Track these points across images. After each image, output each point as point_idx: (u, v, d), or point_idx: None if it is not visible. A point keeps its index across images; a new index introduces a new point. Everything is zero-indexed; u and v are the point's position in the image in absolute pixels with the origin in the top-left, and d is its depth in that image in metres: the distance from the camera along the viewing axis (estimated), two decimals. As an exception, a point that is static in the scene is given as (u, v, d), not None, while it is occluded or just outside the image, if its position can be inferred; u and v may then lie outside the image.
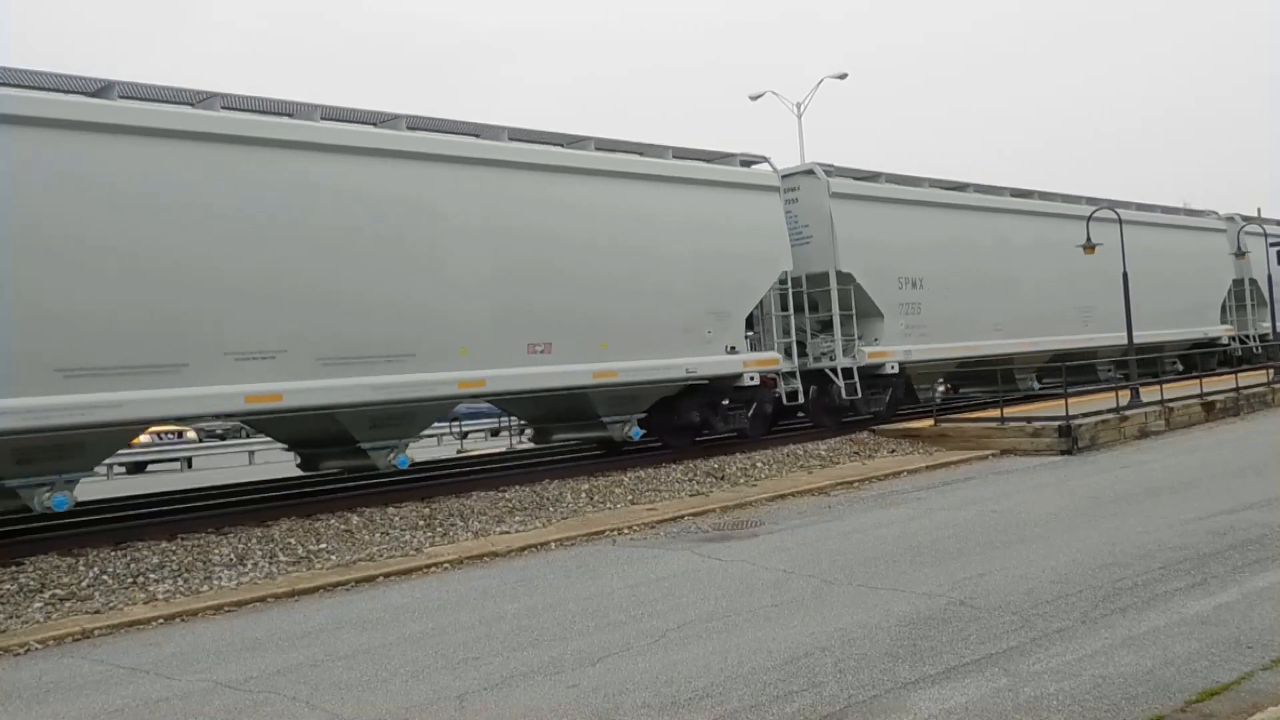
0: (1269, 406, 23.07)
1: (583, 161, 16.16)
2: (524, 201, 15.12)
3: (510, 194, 15.01)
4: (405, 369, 13.58)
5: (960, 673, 6.29)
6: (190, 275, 11.95)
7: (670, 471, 16.18)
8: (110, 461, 31.12)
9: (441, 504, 13.78)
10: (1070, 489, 13.68)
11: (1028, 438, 18.01)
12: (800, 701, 5.99)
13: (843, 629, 7.42)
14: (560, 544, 11.92)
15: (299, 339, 12.70)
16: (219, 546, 11.62)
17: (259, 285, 12.46)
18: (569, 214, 15.59)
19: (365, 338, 13.29)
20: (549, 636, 7.83)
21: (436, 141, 14.55)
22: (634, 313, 16.26)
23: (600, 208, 16.07)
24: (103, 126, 11.57)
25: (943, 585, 8.53)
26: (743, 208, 18.10)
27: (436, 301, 14.03)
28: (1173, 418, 20.22)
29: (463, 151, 14.66)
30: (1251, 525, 10.16)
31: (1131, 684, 5.91)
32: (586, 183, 16.06)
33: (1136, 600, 7.68)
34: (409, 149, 14.10)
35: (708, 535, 12.00)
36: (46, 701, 7.08)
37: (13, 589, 10.09)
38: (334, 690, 6.85)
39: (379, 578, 10.63)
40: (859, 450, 18.47)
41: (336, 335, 13.06)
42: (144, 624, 9.21)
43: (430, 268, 14.03)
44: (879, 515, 12.61)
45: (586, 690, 6.45)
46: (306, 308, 12.80)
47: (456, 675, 6.98)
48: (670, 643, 7.38)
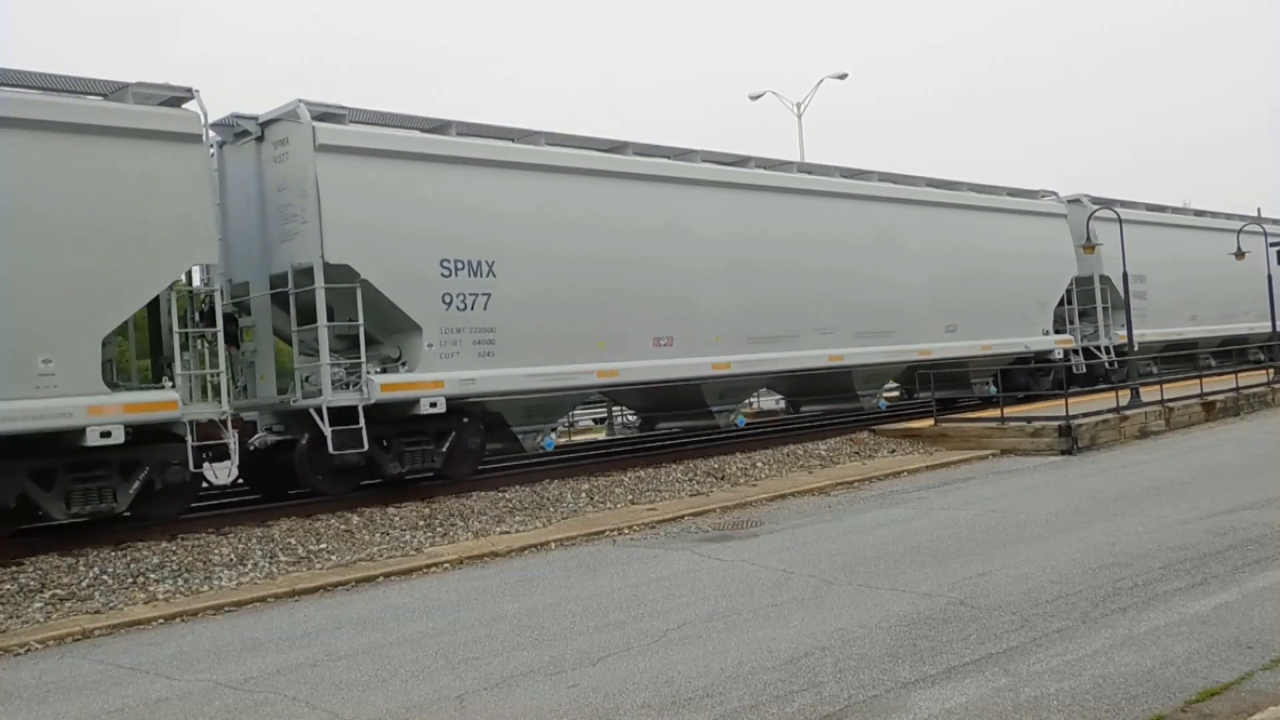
0: (1269, 406, 23.07)
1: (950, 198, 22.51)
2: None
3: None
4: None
5: (960, 673, 6.29)
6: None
7: (670, 471, 16.18)
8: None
9: (441, 504, 13.77)
10: (1070, 489, 13.68)
11: (1028, 438, 18.01)
12: (800, 701, 5.99)
13: (843, 629, 7.42)
14: (560, 544, 11.92)
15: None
16: (219, 546, 11.62)
17: None
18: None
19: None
20: (549, 636, 7.83)
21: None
22: (986, 301, 22.30)
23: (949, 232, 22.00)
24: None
25: (943, 585, 8.53)
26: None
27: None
28: (1173, 418, 20.23)
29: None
30: (1251, 525, 10.16)
31: (1131, 684, 5.91)
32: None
33: (1136, 600, 7.68)
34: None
35: (708, 535, 12.00)
36: (46, 701, 7.08)
37: (13, 589, 10.09)
38: (334, 690, 6.85)
39: (379, 578, 10.63)
40: (859, 450, 18.46)
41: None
42: (144, 624, 9.21)
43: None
44: (879, 515, 12.61)
45: (586, 690, 6.45)
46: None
47: (457, 675, 6.98)
48: (670, 643, 7.38)
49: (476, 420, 14.79)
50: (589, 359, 15.51)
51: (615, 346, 15.85)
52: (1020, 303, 23.37)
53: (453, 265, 14.15)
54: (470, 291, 14.26)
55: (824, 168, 20.58)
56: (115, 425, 11.35)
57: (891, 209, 20.70)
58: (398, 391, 13.58)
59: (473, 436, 14.72)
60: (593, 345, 15.59)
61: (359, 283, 13.32)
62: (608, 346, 15.74)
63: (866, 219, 20.19)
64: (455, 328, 14.12)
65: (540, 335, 14.92)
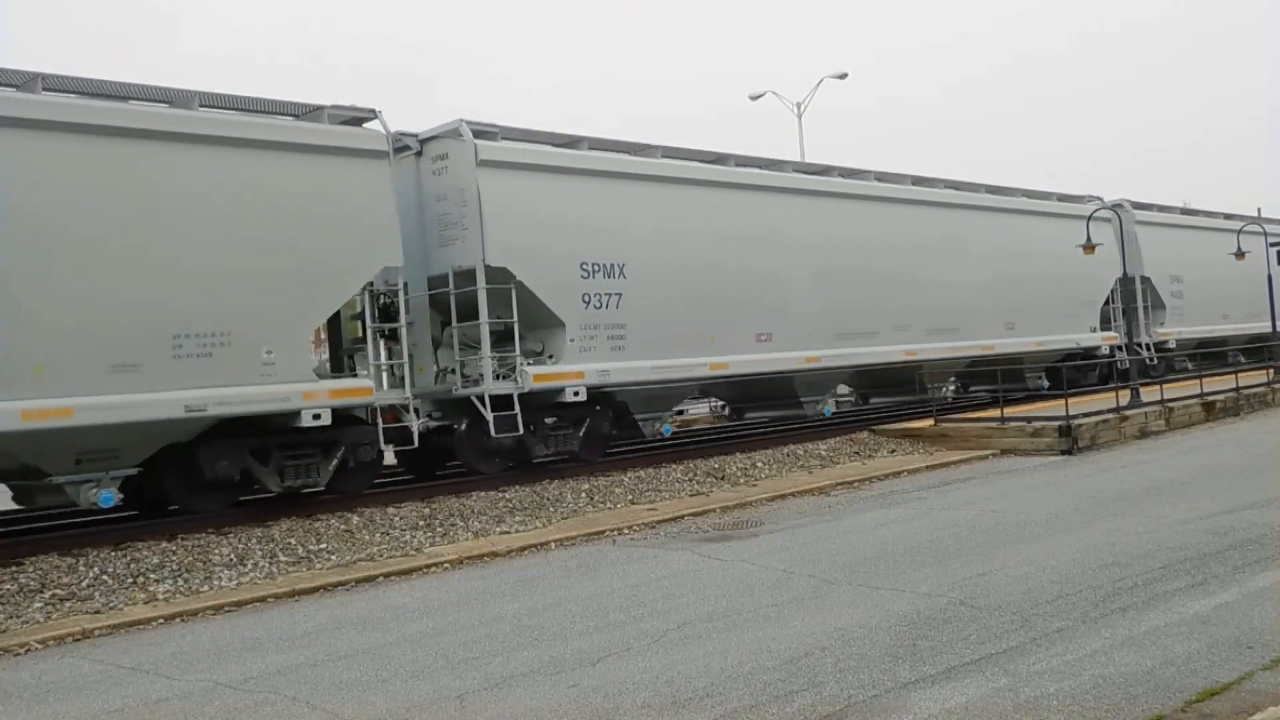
0: (1269, 406, 23.07)
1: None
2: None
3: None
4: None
5: (960, 673, 6.29)
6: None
7: (670, 471, 16.18)
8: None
9: (441, 504, 13.78)
10: (1070, 489, 13.68)
11: (1028, 438, 18.01)
12: (800, 701, 5.99)
13: (843, 629, 7.42)
14: (560, 544, 11.92)
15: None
16: (219, 546, 11.62)
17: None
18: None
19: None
20: (549, 636, 7.83)
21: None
22: (1040, 300, 23.60)
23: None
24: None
25: (943, 585, 8.53)
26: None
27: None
28: (1173, 418, 20.23)
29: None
30: (1252, 525, 10.16)
31: (1131, 684, 5.91)
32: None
33: (1137, 600, 7.68)
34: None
35: (708, 535, 12.00)
36: (46, 701, 7.08)
37: (13, 589, 10.09)
38: (334, 690, 6.85)
39: (379, 578, 10.63)
40: (859, 450, 18.47)
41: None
42: (144, 624, 9.21)
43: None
44: (879, 515, 12.61)
45: (586, 690, 6.45)
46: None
47: (457, 675, 6.98)
48: (670, 643, 7.38)
49: (607, 408, 16.44)
50: (703, 353, 17.11)
51: (724, 341, 17.45)
52: (1070, 302, 24.76)
53: (590, 268, 15.78)
54: (605, 291, 15.91)
55: (896, 175, 21.85)
56: (324, 408, 12.94)
57: (956, 214, 22.15)
58: (547, 381, 15.13)
59: (604, 422, 16.43)
60: (706, 340, 17.16)
61: (514, 284, 14.82)
62: (718, 341, 17.32)
63: (935, 224, 21.72)
64: (592, 324, 15.75)
65: (662, 331, 16.52)
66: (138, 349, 11.54)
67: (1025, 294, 23.42)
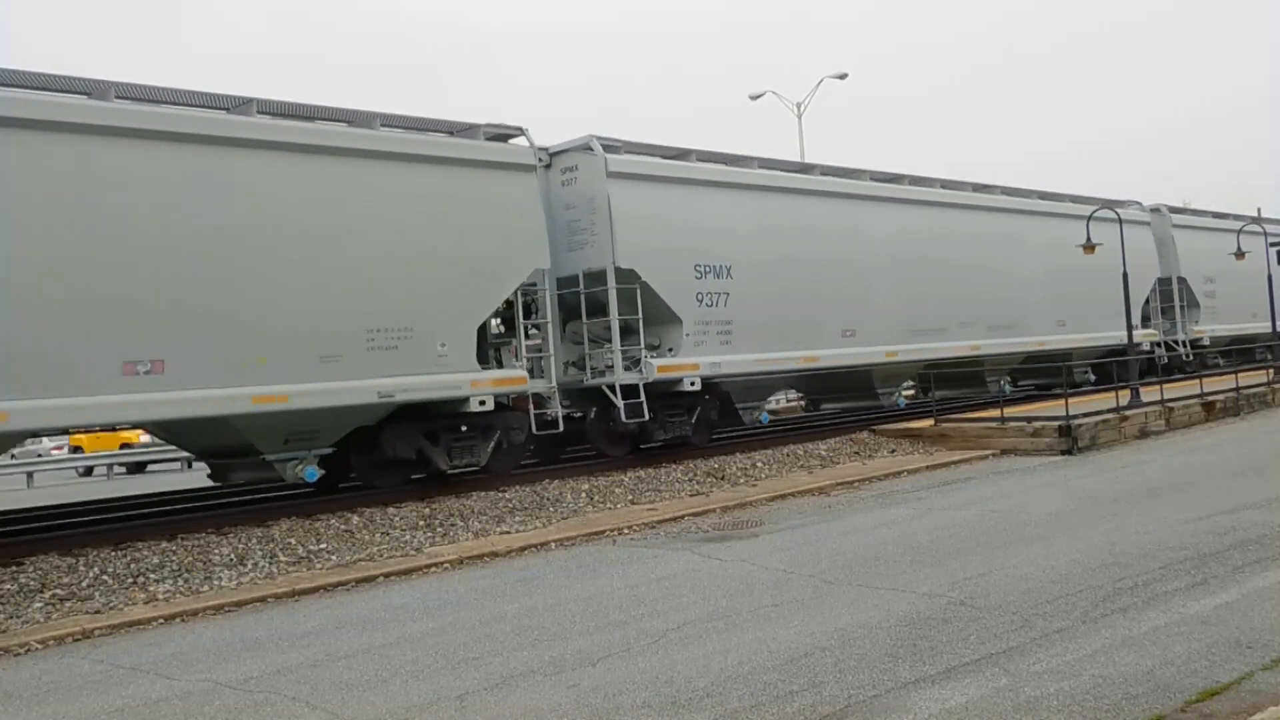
0: (1269, 406, 23.07)
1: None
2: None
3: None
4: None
5: (960, 673, 6.29)
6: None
7: (670, 471, 16.18)
8: (109, 461, 31.27)
9: (441, 504, 13.78)
10: (1070, 489, 13.68)
11: (1028, 438, 18.01)
12: (800, 701, 5.99)
13: (843, 629, 7.42)
14: (560, 544, 11.92)
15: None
16: (219, 546, 11.62)
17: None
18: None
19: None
20: (549, 636, 7.83)
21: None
22: (1087, 299, 24.61)
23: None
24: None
25: (943, 585, 8.53)
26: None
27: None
28: (1173, 418, 20.23)
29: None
30: (1252, 525, 10.16)
31: (1131, 684, 5.91)
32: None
33: (1137, 600, 7.68)
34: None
35: (708, 535, 12.00)
36: (46, 701, 7.08)
37: (13, 589, 10.09)
38: (334, 690, 6.85)
39: (379, 578, 10.63)
40: (859, 450, 18.47)
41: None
42: (144, 624, 9.21)
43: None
44: (879, 515, 12.61)
45: (586, 690, 6.45)
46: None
47: (457, 675, 6.98)
48: (670, 643, 7.38)
49: (714, 397, 17.91)
50: (797, 347, 18.65)
51: (814, 336, 19.04)
52: (1114, 301, 25.19)
53: (702, 269, 17.25)
54: (715, 291, 17.36)
55: (958, 183, 23.38)
56: (488, 395, 14.47)
57: (1012, 218, 23.42)
58: (668, 372, 16.59)
59: (712, 410, 18.03)
60: (800, 335, 18.70)
61: (639, 284, 16.22)
62: (809, 336, 18.89)
63: (994, 227, 23.25)
64: (705, 320, 17.18)
65: (763, 327, 17.98)
66: (340, 341, 12.98)
67: (1074, 293, 24.70)
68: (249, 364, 12.15)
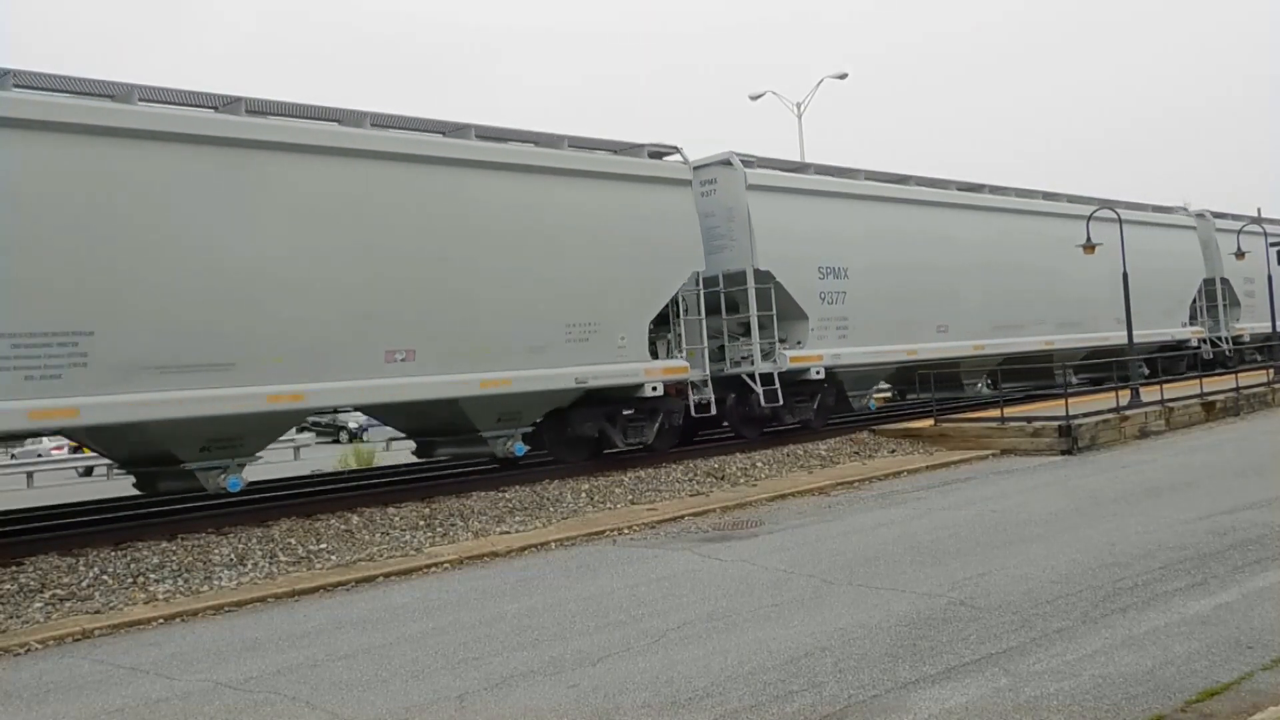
0: (1269, 406, 23.07)
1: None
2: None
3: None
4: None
5: (960, 673, 6.29)
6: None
7: (670, 471, 16.18)
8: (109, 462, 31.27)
9: (441, 504, 13.78)
10: (1070, 489, 13.68)
11: (1028, 438, 18.01)
12: (800, 701, 5.99)
13: (843, 629, 7.42)
14: (560, 544, 11.92)
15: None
16: (219, 546, 11.61)
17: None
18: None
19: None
20: (549, 636, 7.83)
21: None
22: (1144, 298, 25.01)
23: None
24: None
25: (943, 585, 8.53)
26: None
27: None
28: (1173, 418, 20.22)
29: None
30: (1252, 525, 10.16)
31: (1131, 684, 5.91)
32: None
33: (1137, 600, 7.68)
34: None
35: (708, 535, 12.00)
36: (46, 701, 7.08)
37: (13, 589, 10.09)
38: (334, 690, 6.85)
39: (379, 578, 10.63)
40: (859, 450, 18.47)
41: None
42: (144, 624, 9.21)
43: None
44: (879, 515, 12.61)
45: (586, 690, 6.45)
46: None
47: (457, 675, 6.98)
48: (670, 643, 7.38)
49: (832, 386, 19.88)
50: (900, 340, 20.63)
51: (914, 331, 20.95)
52: (1165, 299, 28.35)
53: (824, 270, 19.30)
54: (834, 290, 19.41)
55: (1030, 191, 25.50)
56: (659, 382, 16.48)
57: (1079, 224, 24.08)
58: (799, 363, 18.63)
59: (830, 397, 20.06)
60: (902, 330, 20.64)
61: (773, 284, 18.20)
62: (910, 331, 20.80)
63: (1062, 231, 24.43)
64: (826, 317, 19.21)
65: (872, 323, 19.94)
66: (544, 335, 14.99)
67: (1133, 292, 25.31)
68: (477, 354, 14.17)
